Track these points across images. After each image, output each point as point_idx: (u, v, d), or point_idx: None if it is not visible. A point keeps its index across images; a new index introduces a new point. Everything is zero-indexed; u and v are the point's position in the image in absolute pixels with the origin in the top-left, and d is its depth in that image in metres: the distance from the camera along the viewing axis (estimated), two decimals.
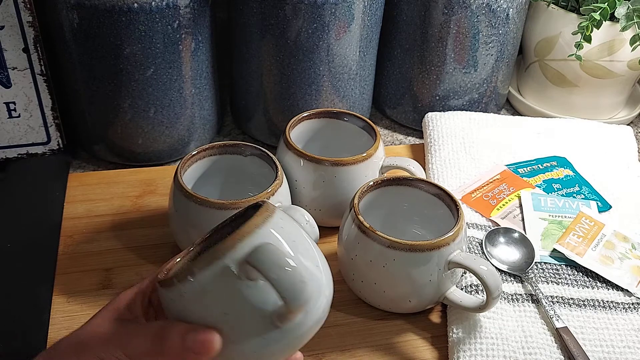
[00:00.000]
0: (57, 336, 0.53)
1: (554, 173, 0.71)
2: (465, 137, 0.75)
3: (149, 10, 0.62)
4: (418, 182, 0.59)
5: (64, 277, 0.58)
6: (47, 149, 0.72)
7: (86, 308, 0.56)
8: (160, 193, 0.69)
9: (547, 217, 0.65)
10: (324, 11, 0.66)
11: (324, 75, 0.71)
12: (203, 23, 0.68)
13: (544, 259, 0.61)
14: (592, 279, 0.59)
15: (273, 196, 0.55)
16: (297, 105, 0.73)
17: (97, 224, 0.64)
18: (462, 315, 0.54)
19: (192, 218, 0.55)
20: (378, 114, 0.88)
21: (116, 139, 0.72)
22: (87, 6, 0.61)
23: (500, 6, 0.73)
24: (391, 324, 0.56)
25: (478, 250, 0.61)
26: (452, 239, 0.52)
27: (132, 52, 0.64)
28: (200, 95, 0.73)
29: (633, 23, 0.73)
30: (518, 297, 0.57)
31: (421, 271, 0.52)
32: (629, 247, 0.62)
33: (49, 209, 0.66)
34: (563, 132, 0.78)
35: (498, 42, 0.76)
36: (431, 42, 0.76)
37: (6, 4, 0.63)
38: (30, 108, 0.69)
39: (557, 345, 0.53)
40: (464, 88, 0.80)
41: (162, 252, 0.61)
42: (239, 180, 0.63)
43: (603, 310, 0.56)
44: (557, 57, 0.81)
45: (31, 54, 0.66)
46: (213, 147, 0.61)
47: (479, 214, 0.65)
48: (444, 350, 0.54)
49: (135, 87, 0.67)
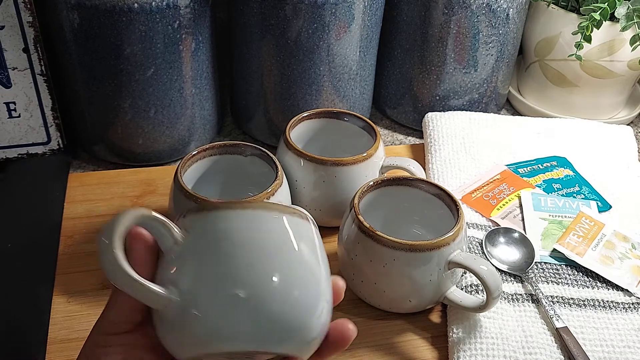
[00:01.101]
0: (57, 336, 0.53)
1: (554, 173, 0.71)
2: (465, 137, 0.75)
3: (149, 10, 0.62)
4: (418, 182, 0.59)
5: (64, 277, 0.58)
6: (47, 149, 0.72)
7: (86, 308, 0.56)
8: (160, 193, 0.69)
9: (547, 217, 0.65)
10: (324, 11, 0.66)
11: (324, 75, 0.72)
12: (203, 23, 0.68)
13: (544, 259, 0.61)
14: (592, 279, 0.59)
15: (273, 196, 0.55)
16: (298, 105, 0.73)
17: (97, 224, 0.64)
18: (462, 315, 0.54)
19: None
20: (378, 114, 0.88)
21: (116, 139, 0.72)
22: (88, 6, 0.61)
23: (500, 6, 0.73)
24: (391, 324, 0.56)
25: (478, 250, 0.61)
26: (452, 239, 0.52)
27: (133, 52, 0.64)
28: (200, 95, 0.73)
29: (633, 23, 0.73)
30: (518, 297, 0.57)
31: (421, 271, 0.52)
32: (629, 247, 0.62)
33: (49, 209, 0.66)
34: (563, 132, 0.78)
35: (498, 42, 0.76)
36: (431, 42, 0.76)
37: (6, 4, 0.63)
38: (30, 108, 0.69)
39: (557, 345, 0.53)
40: (464, 88, 0.80)
41: None
42: (239, 180, 0.63)
43: (603, 310, 0.56)
44: (557, 57, 0.81)
45: (31, 54, 0.66)
46: (213, 147, 0.61)
47: (479, 214, 0.65)
48: (444, 350, 0.54)
49: (136, 87, 0.67)
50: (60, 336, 0.53)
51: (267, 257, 0.33)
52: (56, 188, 0.68)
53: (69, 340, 0.53)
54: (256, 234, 0.33)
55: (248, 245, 0.33)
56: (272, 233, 0.33)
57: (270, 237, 0.33)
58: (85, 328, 0.54)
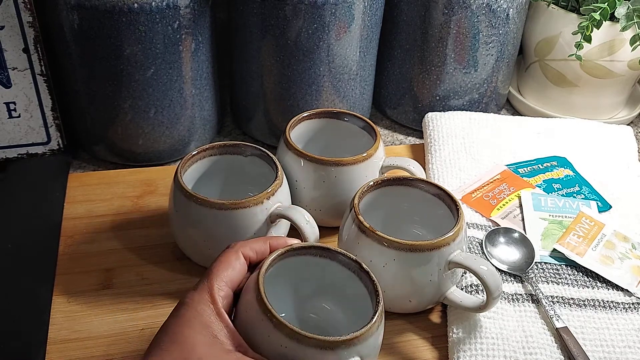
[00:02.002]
0: (57, 336, 0.53)
1: (554, 173, 0.71)
2: (465, 137, 0.75)
3: (149, 10, 0.62)
4: (418, 182, 0.59)
5: (64, 277, 0.58)
6: (47, 149, 0.72)
7: (86, 308, 0.56)
8: (160, 193, 0.69)
9: (547, 217, 0.65)
10: (324, 11, 0.66)
11: (324, 75, 0.72)
12: (203, 23, 0.68)
13: (544, 259, 0.61)
14: (592, 279, 0.59)
15: (273, 196, 0.55)
16: (298, 105, 0.73)
17: (97, 224, 0.64)
18: (462, 315, 0.54)
19: (192, 218, 0.55)
20: (378, 114, 0.88)
21: (116, 140, 0.72)
22: (88, 7, 0.61)
23: (500, 6, 0.73)
24: (391, 324, 0.56)
25: (478, 250, 0.61)
26: (452, 239, 0.52)
27: (133, 52, 0.64)
28: (200, 95, 0.73)
29: (633, 23, 0.73)
30: (518, 297, 0.57)
31: (421, 271, 0.52)
32: (629, 247, 0.62)
33: (49, 209, 0.66)
34: (563, 132, 0.78)
35: (498, 42, 0.76)
36: (431, 42, 0.76)
37: (6, 4, 0.63)
38: (30, 108, 0.69)
39: (557, 345, 0.53)
40: (464, 88, 0.80)
41: (162, 252, 0.61)
42: (239, 180, 0.63)
43: (603, 310, 0.56)
44: (557, 57, 0.81)
45: (31, 54, 0.66)
46: (213, 147, 0.61)
47: (479, 214, 0.65)
48: (444, 350, 0.54)
49: (136, 88, 0.67)
50: (60, 336, 0.53)
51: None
52: (56, 188, 0.68)
53: (69, 340, 0.53)
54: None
55: None
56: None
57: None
58: (85, 328, 0.54)
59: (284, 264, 0.47)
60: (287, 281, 0.50)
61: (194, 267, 0.59)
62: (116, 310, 0.56)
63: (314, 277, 0.50)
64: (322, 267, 0.49)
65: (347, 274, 0.48)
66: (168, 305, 0.56)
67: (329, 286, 0.51)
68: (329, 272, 0.49)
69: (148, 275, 0.59)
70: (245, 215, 0.54)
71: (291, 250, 0.47)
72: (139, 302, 0.56)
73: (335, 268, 0.49)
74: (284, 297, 0.51)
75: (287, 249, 0.47)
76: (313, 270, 0.49)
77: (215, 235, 0.55)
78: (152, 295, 0.57)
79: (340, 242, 0.56)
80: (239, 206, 0.54)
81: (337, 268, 0.48)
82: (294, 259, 0.48)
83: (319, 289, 0.51)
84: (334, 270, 0.49)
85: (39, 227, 0.64)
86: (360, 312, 0.46)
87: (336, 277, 0.49)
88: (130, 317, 0.55)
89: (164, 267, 0.60)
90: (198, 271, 0.59)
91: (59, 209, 0.66)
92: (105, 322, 0.54)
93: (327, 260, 0.49)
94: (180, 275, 0.59)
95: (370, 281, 0.46)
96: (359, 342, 0.42)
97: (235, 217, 0.54)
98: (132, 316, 0.55)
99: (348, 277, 0.48)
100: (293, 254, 0.48)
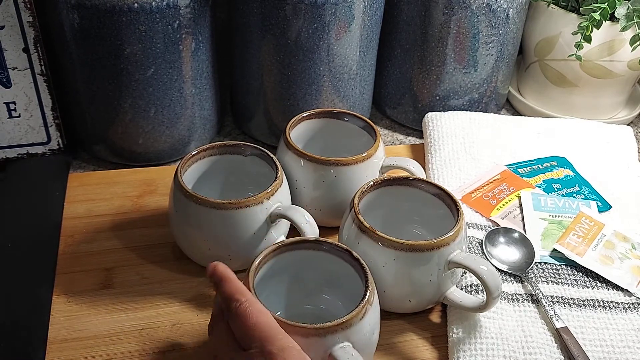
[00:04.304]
0: (57, 336, 0.53)
1: (554, 173, 0.71)
2: (465, 137, 0.75)
3: (150, 10, 0.62)
4: (418, 182, 0.59)
5: (64, 277, 0.59)
6: (47, 149, 0.72)
7: (86, 308, 0.56)
8: (160, 193, 0.69)
9: (547, 217, 0.65)
10: (324, 11, 0.66)
11: (324, 75, 0.72)
12: (203, 23, 0.68)
13: (544, 259, 0.61)
14: (592, 279, 0.59)
15: (273, 196, 0.55)
16: (298, 105, 0.73)
17: (97, 223, 0.64)
18: (462, 315, 0.55)
19: (192, 218, 0.55)
20: (378, 114, 0.88)
21: (116, 139, 0.72)
22: (88, 6, 0.61)
23: (500, 6, 0.73)
24: (391, 324, 0.56)
25: (478, 250, 0.61)
26: (452, 239, 0.52)
27: (133, 52, 0.64)
28: (200, 95, 0.73)
29: (633, 23, 0.73)
30: (518, 297, 0.57)
31: (421, 271, 0.52)
32: (629, 247, 0.62)
33: (49, 209, 0.66)
34: (563, 132, 0.78)
35: (498, 42, 0.76)
36: (431, 42, 0.76)
37: (6, 4, 0.63)
38: (30, 108, 0.69)
39: (557, 345, 0.53)
40: (464, 88, 0.80)
41: (162, 252, 0.61)
42: (239, 180, 0.63)
43: (603, 310, 0.56)
44: (557, 57, 0.81)
45: (31, 54, 0.66)
46: (213, 147, 0.61)
47: (479, 214, 0.66)
48: (444, 350, 0.54)
49: (136, 87, 0.67)
50: (60, 336, 0.53)
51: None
52: (56, 188, 0.68)
53: (69, 340, 0.53)
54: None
55: None
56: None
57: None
58: (85, 328, 0.54)
59: (277, 261, 0.49)
60: (285, 278, 0.52)
61: (194, 267, 0.59)
62: (116, 310, 0.56)
63: (311, 270, 0.51)
64: (316, 260, 0.50)
65: (340, 264, 0.49)
66: (168, 305, 0.56)
67: (326, 278, 0.52)
68: (324, 264, 0.50)
69: (148, 275, 0.59)
70: (245, 215, 0.54)
71: (283, 246, 0.49)
72: (139, 301, 0.56)
73: (328, 259, 0.50)
74: (284, 294, 0.52)
75: (279, 245, 0.49)
76: (309, 264, 0.51)
77: (215, 235, 0.55)
78: (152, 294, 0.57)
79: (340, 242, 0.56)
80: (239, 206, 0.54)
81: (331, 259, 0.50)
82: (287, 254, 0.50)
83: (317, 281, 0.52)
84: (328, 261, 0.50)
85: (39, 226, 0.64)
86: (357, 301, 0.46)
87: (332, 269, 0.50)
88: (130, 317, 0.55)
89: (164, 266, 0.60)
90: (198, 271, 0.59)
91: (59, 209, 0.66)
92: (105, 322, 0.54)
93: (320, 252, 0.50)
94: (180, 275, 0.59)
95: (361, 268, 0.48)
96: (347, 327, 0.42)
97: (235, 217, 0.54)
98: (132, 316, 0.55)
99: (341, 267, 0.49)
100: (285, 249, 0.49)
